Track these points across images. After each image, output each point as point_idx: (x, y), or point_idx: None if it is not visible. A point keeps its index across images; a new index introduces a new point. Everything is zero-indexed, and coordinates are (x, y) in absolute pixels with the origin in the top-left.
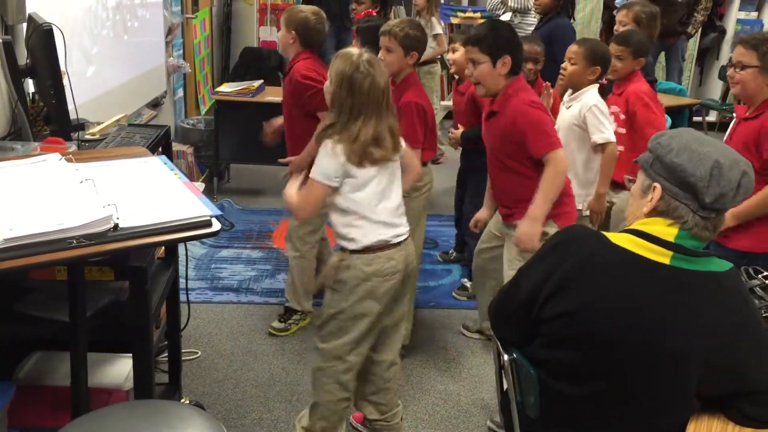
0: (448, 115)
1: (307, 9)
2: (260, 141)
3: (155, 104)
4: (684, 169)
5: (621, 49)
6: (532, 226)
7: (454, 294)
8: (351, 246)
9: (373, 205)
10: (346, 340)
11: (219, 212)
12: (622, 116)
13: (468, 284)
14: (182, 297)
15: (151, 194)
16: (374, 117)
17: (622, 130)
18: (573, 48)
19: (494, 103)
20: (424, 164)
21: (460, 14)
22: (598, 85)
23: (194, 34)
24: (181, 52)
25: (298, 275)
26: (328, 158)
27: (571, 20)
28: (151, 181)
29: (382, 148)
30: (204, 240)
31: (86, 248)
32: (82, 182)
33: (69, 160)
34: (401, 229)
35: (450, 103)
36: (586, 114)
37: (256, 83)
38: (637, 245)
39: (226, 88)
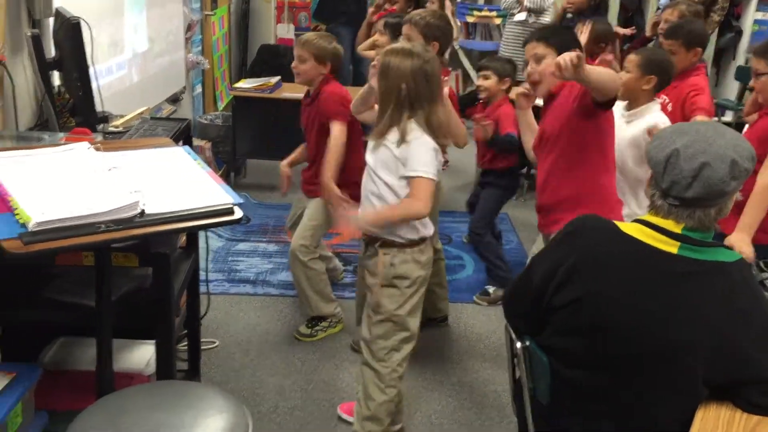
0: None
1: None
2: (276, 136)
3: (174, 99)
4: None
5: (670, 42)
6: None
7: (475, 299)
8: (409, 236)
9: None
10: (403, 335)
11: (241, 200)
12: (669, 107)
13: (491, 290)
14: (201, 288)
15: (176, 182)
16: (438, 101)
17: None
18: (629, 56)
19: (555, 88)
20: None
21: (476, 13)
22: (660, 102)
23: (213, 31)
24: (200, 48)
25: (307, 285)
26: (428, 151)
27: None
28: (176, 170)
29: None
30: (221, 233)
31: (114, 233)
32: (109, 170)
33: (97, 149)
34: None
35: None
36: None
37: (274, 80)
38: (646, 235)
39: (244, 84)
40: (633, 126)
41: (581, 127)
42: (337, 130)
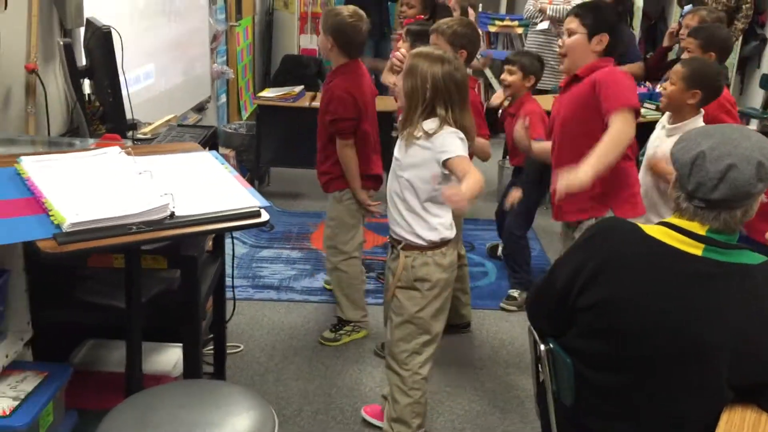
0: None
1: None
2: (300, 145)
3: (200, 108)
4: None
5: (689, 41)
6: (575, 178)
7: (502, 305)
8: (429, 238)
9: None
10: (425, 338)
11: (267, 203)
12: None
13: (516, 294)
14: (227, 294)
15: (204, 185)
16: (466, 108)
17: None
18: (676, 67)
19: (580, 71)
20: None
21: (498, 22)
22: (702, 115)
23: (237, 42)
24: (224, 58)
25: (336, 286)
26: (456, 138)
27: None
28: (204, 174)
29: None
30: (245, 240)
31: (145, 234)
32: (140, 173)
33: (128, 153)
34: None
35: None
36: None
37: (297, 89)
38: (670, 237)
39: (268, 93)
40: (673, 140)
41: (599, 114)
42: (343, 148)
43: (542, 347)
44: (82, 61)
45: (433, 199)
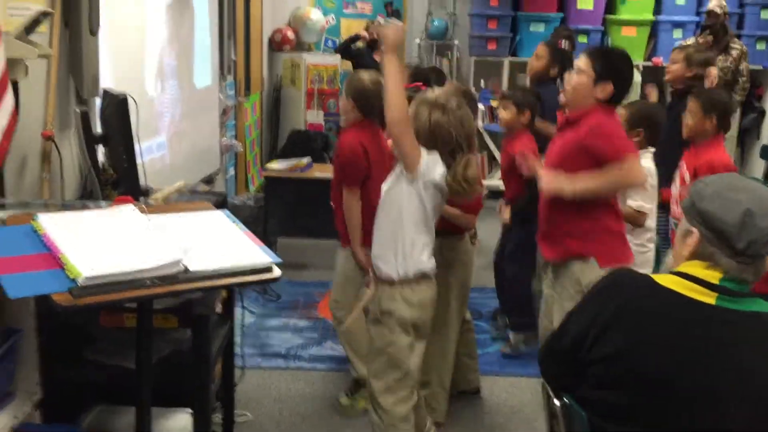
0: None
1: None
2: (307, 215)
3: (209, 180)
4: (716, 216)
5: (692, 102)
6: (560, 181)
7: (500, 349)
8: (399, 267)
9: (429, 227)
10: (396, 374)
11: (279, 260)
12: (687, 177)
13: (511, 336)
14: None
15: (217, 242)
16: (468, 154)
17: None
18: (619, 110)
19: (573, 114)
20: (455, 235)
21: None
22: (652, 152)
23: (246, 117)
24: (233, 132)
25: (345, 343)
26: (428, 156)
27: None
28: (216, 231)
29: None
30: (252, 309)
31: (159, 288)
32: (154, 229)
33: (142, 211)
34: (434, 262)
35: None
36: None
37: (305, 160)
38: (683, 286)
39: (276, 164)
40: None
41: (587, 164)
42: (346, 197)
43: (557, 402)
44: (97, 129)
45: (411, 220)
